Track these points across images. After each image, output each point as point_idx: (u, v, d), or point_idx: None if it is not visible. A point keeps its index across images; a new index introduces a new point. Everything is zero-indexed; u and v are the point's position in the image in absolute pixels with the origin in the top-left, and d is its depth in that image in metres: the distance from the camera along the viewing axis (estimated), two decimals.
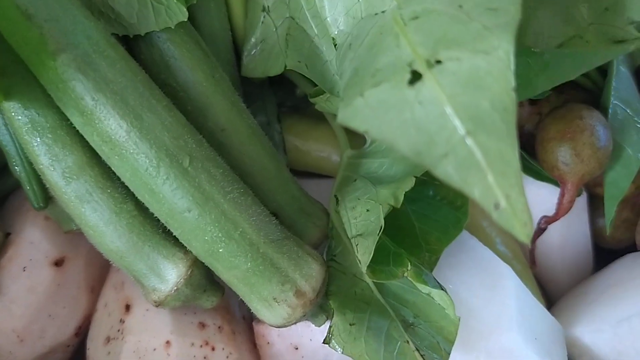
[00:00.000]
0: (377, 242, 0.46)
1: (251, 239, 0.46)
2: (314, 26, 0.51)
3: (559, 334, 0.54)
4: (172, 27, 0.48)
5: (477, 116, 0.30)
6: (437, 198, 0.54)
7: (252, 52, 0.56)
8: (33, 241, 0.53)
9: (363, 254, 0.47)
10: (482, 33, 0.32)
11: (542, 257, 0.62)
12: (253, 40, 0.56)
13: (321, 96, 0.52)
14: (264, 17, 0.54)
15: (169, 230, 0.47)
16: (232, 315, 0.55)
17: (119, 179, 0.47)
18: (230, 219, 0.45)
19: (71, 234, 0.54)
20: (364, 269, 0.46)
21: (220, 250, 0.45)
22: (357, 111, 0.34)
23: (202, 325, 0.52)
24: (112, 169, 0.46)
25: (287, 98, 0.64)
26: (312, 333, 0.53)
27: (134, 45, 0.49)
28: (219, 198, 0.45)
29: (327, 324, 0.49)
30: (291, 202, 0.53)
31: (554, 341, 0.53)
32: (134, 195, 0.47)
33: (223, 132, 0.50)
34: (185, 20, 0.47)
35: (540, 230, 0.58)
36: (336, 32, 0.48)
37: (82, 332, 0.55)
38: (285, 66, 0.52)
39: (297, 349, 0.53)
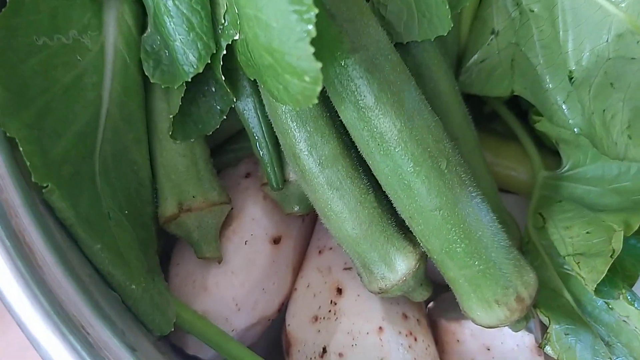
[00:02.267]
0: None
1: (487, 243, 0.49)
2: (540, 55, 0.55)
3: None
4: (431, 40, 0.52)
5: None
6: None
7: (471, 69, 0.60)
8: (255, 217, 0.58)
9: (589, 272, 0.51)
10: None
11: None
12: (474, 58, 0.60)
13: (543, 119, 0.57)
14: (492, 39, 0.58)
15: (400, 224, 0.52)
16: (424, 311, 0.60)
17: (364, 171, 0.51)
18: (473, 221, 0.49)
19: (284, 216, 0.59)
20: (591, 287, 0.50)
21: (459, 250, 0.49)
22: None
23: (405, 317, 0.56)
24: (369, 162, 0.50)
25: (474, 114, 0.68)
26: (504, 336, 0.57)
27: None
28: (466, 201, 0.49)
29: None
30: (497, 212, 0.57)
31: None
32: (374, 188, 0.51)
33: (455, 141, 0.54)
34: (445, 34, 0.51)
35: None
36: (575, 67, 0.52)
37: (283, 308, 0.59)
38: (513, 91, 0.57)
39: (489, 349, 0.57)
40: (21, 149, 0.41)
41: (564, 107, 0.54)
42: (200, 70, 0.49)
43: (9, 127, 0.42)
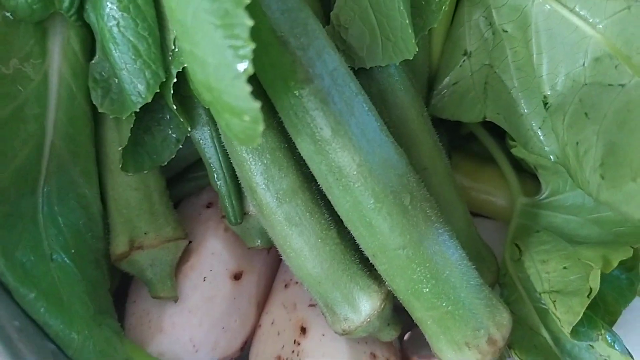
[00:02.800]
0: None
1: (455, 282, 0.47)
2: (515, 78, 0.52)
3: None
4: (396, 64, 0.49)
5: None
6: None
7: (443, 92, 0.57)
8: (214, 252, 0.55)
9: (565, 312, 0.48)
10: None
11: None
12: (446, 80, 0.57)
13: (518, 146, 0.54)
14: (464, 61, 0.55)
15: (364, 260, 0.49)
16: (395, 349, 0.56)
17: (325, 204, 0.48)
18: (440, 260, 0.46)
19: (247, 249, 0.56)
20: (567, 329, 0.47)
21: (425, 290, 0.46)
22: (631, 197, 0.35)
23: (373, 356, 0.53)
24: (329, 197, 0.47)
25: (451, 135, 0.65)
26: None
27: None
28: (433, 238, 0.46)
29: None
30: (471, 245, 0.54)
31: None
32: (337, 222, 0.48)
33: (424, 171, 0.51)
34: (411, 58, 0.48)
35: None
36: (549, 92, 0.49)
37: (246, 347, 0.56)
38: (485, 116, 0.54)
39: None
40: None
41: (539, 133, 0.51)
42: (149, 100, 0.46)
43: None
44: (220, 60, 0.33)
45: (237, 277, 0.54)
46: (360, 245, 0.48)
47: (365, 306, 0.49)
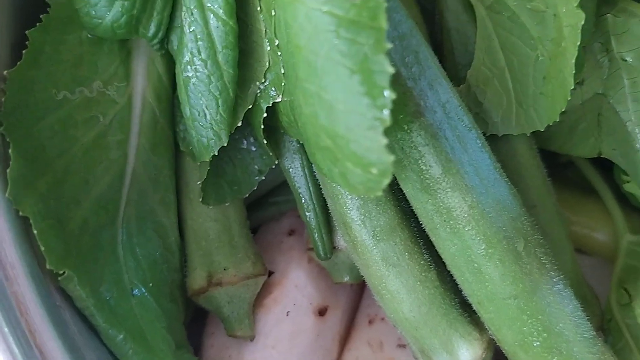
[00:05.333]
0: None
1: (568, 336, 0.43)
2: (631, 110, 0.48)
3: None
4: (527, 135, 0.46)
5: None
6: None
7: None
8: (298, 285, 0.52)
9: None
10: None
11: None
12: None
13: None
14: (575, 88, 0.51)
15: (463, 305, 0.45)
16: None
17: (425, 243, 0.45)
18: (554, 312, 0.43)
19: (331, 282, 0.53)
20: None
21: (535, 344, 0.43)
22: None
23: None
24: (432, 238, 0.44)
25: (548, 162, 0.61)
26: None
27: None
28: (546, 289, 0.43)
29: None
30: (578, 288, 0.51)
31: None
32: (436, 263, 0.45)
33: (533, 209, 0.48)
34: (542, 130, 0.45)
35: None
36: None
37: None
38: (600, 152, 0.50)
39: None
40: (35, 231, 0.36)
41: None
42: (208, 159, 0.45)
43: (22, 204, 0.37)
44: (353, 107, 0.31)
45: (321, 312, 0.52)
46: (463, 291, 0.44)
47: (464, 354, 0.46)
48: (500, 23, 0.45)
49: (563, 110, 0.44)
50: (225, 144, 0.44)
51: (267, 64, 0.41)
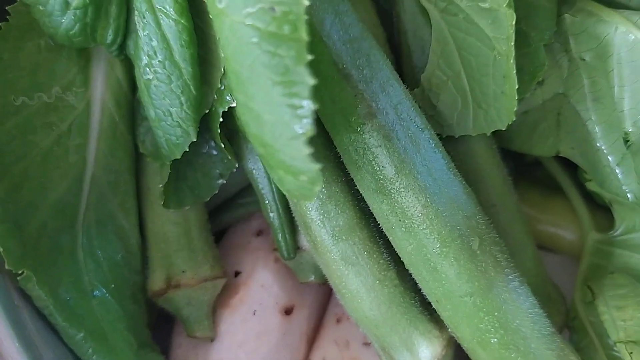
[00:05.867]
0: None
1: (526, 333, 0.44)
2: (591, 109, 0.49)
3: None
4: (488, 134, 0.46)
5: None
6: None
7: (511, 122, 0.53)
8: (264, 284, 0.53)
9: None
10: None
11: None
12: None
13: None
14: (535, 88, 0.51)
15: (424, 303, 0.46)
16: None
17: (385, 243, 0.46)
18: (510, 309, 0.43)
19: (298, 282, 0.53)
20: None
21: (493, 340, 0.44)
22: None
23: None
24: (390, 238, 0.45)
25: (515, 161, 0.61)
26: None
27: None
28: (502, 286, 0.43)
29: None
30: (540, 286, 0.52)
31: None
32: (395, 262, 0.46)
33: (493, 208, 0.49)
34: (504, 129, 0.45)
35: None
36: (631, 129, 0.46)
37: None
38: (558, 151, 0.50)
39: None
40: None
41: (617, 170, 0.48)
42: (178, 157, 0.45)
43: None
44: (277, 118, 0.31)
45: (287, 311, 0.52)
46: (422, 289, 0.45)
47: (425, 352, 0.46)
48: (455, 25, 0.45)
49: (515, 109, 0.44)
50: (195, 139, 0.45)
51: (222, 69, 0.42)
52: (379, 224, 0.45)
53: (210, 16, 0.36)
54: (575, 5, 0.49)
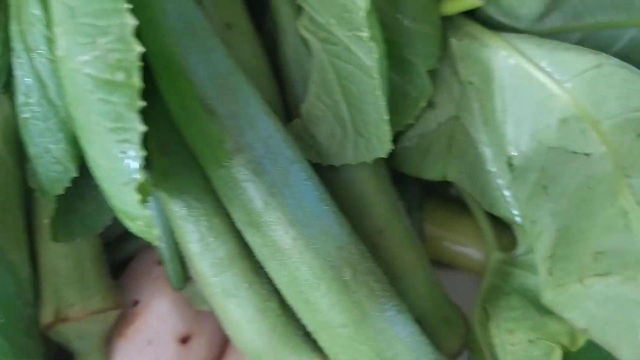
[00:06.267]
0: None
1: None
2: (482, 132, 0.49)
3: None
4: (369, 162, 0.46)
5: None
6: None
7: (407, 144, 0.53)
8: (161, 314, 0.53)
9: None
10: None
11: None
12: (410, 132, 0.53)
13: None
14: (428, 112, 0.51)
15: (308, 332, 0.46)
16: None
17: (266, 273, 0.46)
18: (386, 338, 0.44)
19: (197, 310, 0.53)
20: None
21: None
22: (575, 301, 0.32)
23: None
24: (267, 269, 0.44)
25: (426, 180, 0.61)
26: None
27: None
28: (377, 315, 0.44)
29: None
30: (436, 309, 0.51)
31: None
32: (278, 292, 0.45)
33: (380, 235, 0.49)
34: (385, 157, 0.45)
35: None
36: (515, 153, 0.46)
37: None
38: (445, 175, 0.50)
39: None
40: None
41: (507, 193, 0.48)
42: (61, 192, 0.44)
43: None
44: (110, 164, 0.32)
45: (184, 340, 0.52)
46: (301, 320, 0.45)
47: None
48: (336, 54, 0.45)
49: (389, 137, 0.44)
50: (77, 174, 0.44)
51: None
52: None
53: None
54: (462, 29, 0.49)
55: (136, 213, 0.32)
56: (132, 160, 0.32)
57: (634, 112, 0.38)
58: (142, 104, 0.32)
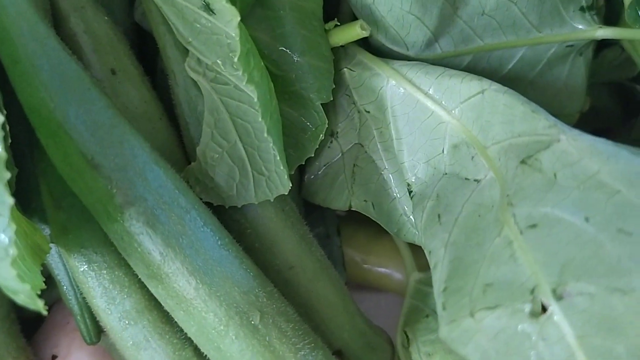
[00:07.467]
0: None
1: None
2: (384, 159, 0.49)
3: None
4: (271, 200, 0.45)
5: None
6: None
7: (314, 175, 0.53)
8: None
9: None
10: (617, 267, 0.29)
11: None
12: (317, 163, 0.53)
13: None
14: (331, 142, 0.51)
15: None
16: None
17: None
18: None
19: None
20: None
21: None
22: (468, 335, 0.32)
23: None
24: (176, 320, 0.43)
25: None
26: None
27: None
28: (290, 357, 0.43)
29: None
30: (358, 337, 0.51)
31: None
32: (192, 340, 0.45)
33: (291, 270, 0.48)
34: (286, 193, 0.45)
35: None
36: (413, 180, 0.46)
37: None
38: (350, 205, 0.50)
39: None
40: None
41: (412, 218, 0.47)
42: None
43: None
44: None
45: None
46: None
47: None
48: (227, 94, 0.45)
49: (287, 175, 0.44)
50: None
51: None
52: None
53: None
54: (354, 58, 0.49)
55: (16, 287, 0.31)
56: (3, 233, 0.31)
57: (517, 138, 0.38)
58: (7, 175, 0.31)
